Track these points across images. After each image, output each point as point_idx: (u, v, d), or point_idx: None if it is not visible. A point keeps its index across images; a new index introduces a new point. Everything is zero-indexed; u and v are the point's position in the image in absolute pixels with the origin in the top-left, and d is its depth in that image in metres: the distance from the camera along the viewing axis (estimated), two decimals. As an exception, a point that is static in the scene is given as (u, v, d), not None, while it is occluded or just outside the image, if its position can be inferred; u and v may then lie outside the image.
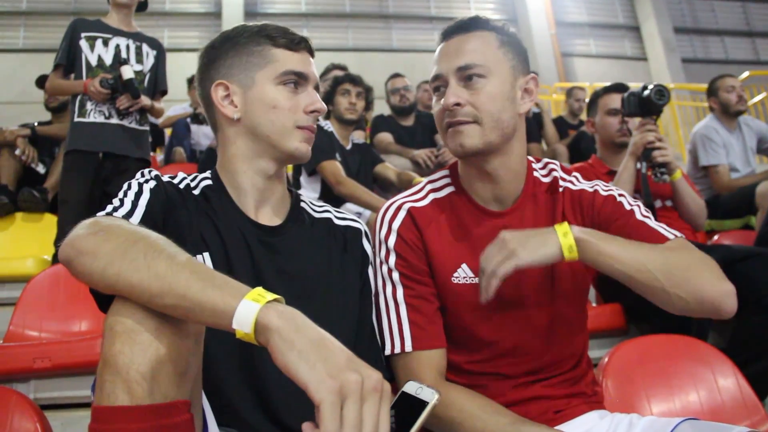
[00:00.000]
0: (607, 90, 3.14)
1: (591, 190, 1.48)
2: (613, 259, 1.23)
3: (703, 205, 2.93)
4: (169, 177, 1.35)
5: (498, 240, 1.26)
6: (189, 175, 1.40)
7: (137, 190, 1.24)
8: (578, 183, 1.50)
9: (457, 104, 1.36)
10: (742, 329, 2.44)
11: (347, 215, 1.51)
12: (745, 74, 8.11)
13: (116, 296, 0.97)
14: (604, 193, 1.47)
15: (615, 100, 3.06)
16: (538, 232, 1.26)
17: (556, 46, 12.81)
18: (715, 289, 1.28)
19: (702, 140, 4.08)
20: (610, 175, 2.98)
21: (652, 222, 1.42)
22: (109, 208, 1.18)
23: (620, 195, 1.46)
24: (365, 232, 1.50)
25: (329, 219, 1.48)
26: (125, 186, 1.26)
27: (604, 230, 1.40)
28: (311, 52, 1.41)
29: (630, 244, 1.27)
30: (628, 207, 1.44)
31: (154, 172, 1.32)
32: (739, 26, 14.61)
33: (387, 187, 3.98)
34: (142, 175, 1.30)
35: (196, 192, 1.35)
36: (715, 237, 3.55)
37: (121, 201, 1.20)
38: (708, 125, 4.14)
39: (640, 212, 1.43)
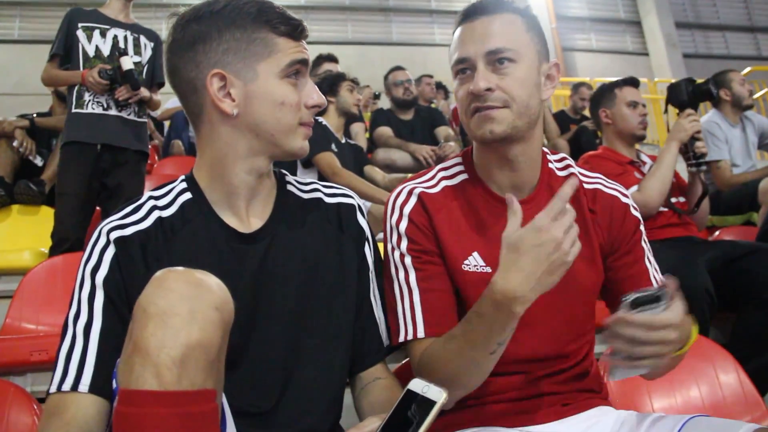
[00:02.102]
0: (626, 83, 3.15)
1: (623, 201, 1.48)
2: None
3: (708, 204, 2.97)
4: (133, 221, 1.23)
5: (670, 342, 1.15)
6: (161, 194, 1.29)
7: (88, 299, 1.16)
8: (608, 186, 1.49)
9: (489, 89, 1.31)
10: (743, 325, 2.44)
11: (337, 189, 1.45)
12: (747, 69, 8.11)
13: (152, 277, 0.96)
14: (635, 213, 1.48)
15: (634, 94, 3.09)
16: (685, 334, 1.23)
17: (556, 41, 12.79)
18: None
19: (704, 135, 4.06)
20: (632, 165, 2.99)
21: (651, 272, 1.47)
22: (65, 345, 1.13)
23: (642, 223, 1.49)
24: (359, 206, 1.45)
25: (319, 199, 1.41)
26: (74, 301, 1.17)
27: (616, 245, 1.45)
28: (306, 37, 1.31)
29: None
30: (643, 243, 1.48)
31: (112, 236, 1.20)
32: (740, 21, 14.60)
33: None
34: (89, 261, 1.19)
35: (170, 212, 1.25)
36: (717, 233, 3.55)
37: (73, 339, 1.14)
38: (710, 120, 4.11)
39: (647, 256, 1.48)
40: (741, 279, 2.47)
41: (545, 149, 1.50)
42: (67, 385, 1.09)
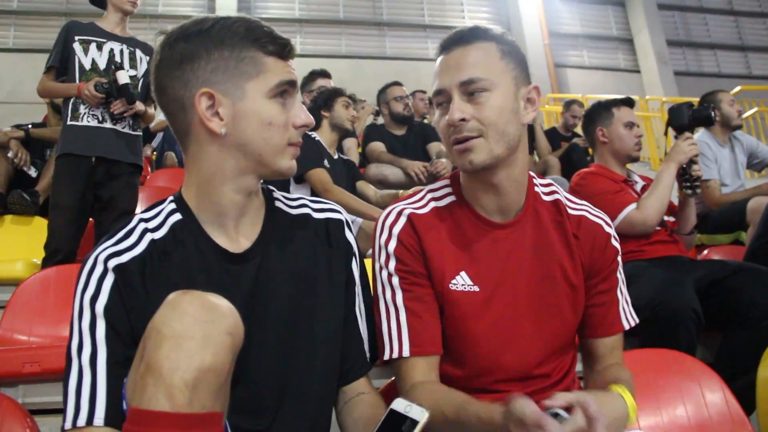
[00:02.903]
0: (623, 102, 3.15)
1: (606, 230, 1.50)
2: None
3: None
4: (127, 246, 1.21)
5: None
6: (150, 216, 1.28)
7: (90, 329, 1.14)
8: (593, 214, 1.52)
9: (463, 120, 1.34)
10: (729, 344, 2.46)
11: (325, 205, 1.46)
12: (737, 89, 8.18)
13: (166, 298, 0.97)
14: (615, 243, 1.51)
15: (631, 114, 3.11)
16: (615, 407, 1.25)
17: (549, 57, 12.86)
18: None
19: (694, 155, 4.10)
20: (626, 183, 3.01)
21: (621, 302, 1.50)
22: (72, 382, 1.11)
23: (620, 254, 1.52)
24: (346, 222, 1.46)
25: (308, 215, 1.41)
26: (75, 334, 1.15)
27: (594, 270, 1.48)
28: (294, 57, 1.31)
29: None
30: (618, 274, 1.51)
31: (111, 264, 1.18)
32: (731, 40, 14.72)
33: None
34: (86, 289, 1.17)
35: (161, 233, 1.25)
36: (705, 251, 3.57)
37: (80, 371, 1.11)
38: (699, 140, 4.12)
39: (620, 287, 1.51)
40: (728, 298, 2.48)
41: (532, 173, 1.52)
42: (81, 420, 1.07)
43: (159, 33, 1.26)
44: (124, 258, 1.19)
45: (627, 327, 1.50)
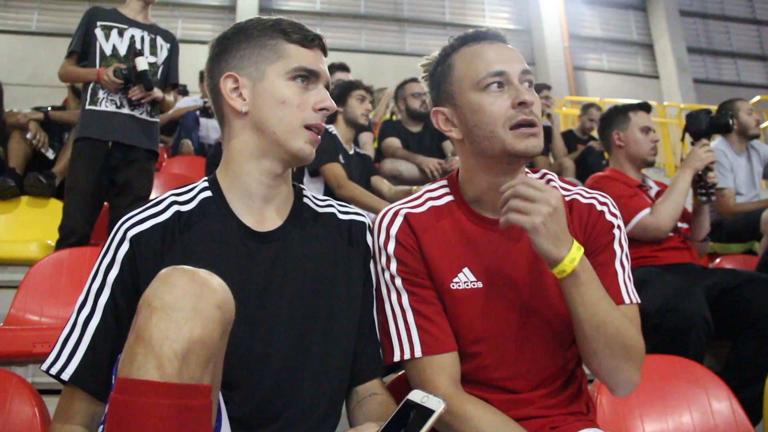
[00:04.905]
0: (640, 107, 3.14)
1: (598, 208, 1.48)
2: (583, 305, 1.27)
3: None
4: (151, 214, 1.29)
5: (548, 203, 1.21)
6: (182, 191, 1.36)
7: (96, 294, 1.23)
8: (587, 195, 1.51)
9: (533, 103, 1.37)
10: (738, 354, 2.46)
11: (351, 208, 1.51)
12: (756, 98, 8.12)
13: (157, 274, 0.99)
14: (610, 217, 1.47)
15: (647, 119, 3.11)
16: (565, 234, 1.24)
17: (568, 60, 12.83)
18: (624, 379, 1.38)
19: (711, 163, 4.08)
20: (641, 188, 3.01)
21: (621, 275, 1.44)
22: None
23: (618, 227, 1.48)
24: (369, 226, 1.49)
25: (333, 214, 1.46)
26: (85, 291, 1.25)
27: (588, 243, 1.43)
28: (324, 50, 1.39)
29: (605, 299, 1.30)
30: (616, 246, 1.46)
31: (130, 234, 1.26)
32: (752, 49, 14.61)
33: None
34: (105, 257, 1.26)
35: (189, 207, 1.31)
36: (717, 260, 3.56)
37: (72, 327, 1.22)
38: (716, 148, 4.10)
39: (620, 258, 1.46)
40: (737, 308, 2.48)
41: (526, 168, 1.52)
42: (54, 370, 1.18)
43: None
44: (146, 225, 1.27)
45: (628, 302, 1.42)
